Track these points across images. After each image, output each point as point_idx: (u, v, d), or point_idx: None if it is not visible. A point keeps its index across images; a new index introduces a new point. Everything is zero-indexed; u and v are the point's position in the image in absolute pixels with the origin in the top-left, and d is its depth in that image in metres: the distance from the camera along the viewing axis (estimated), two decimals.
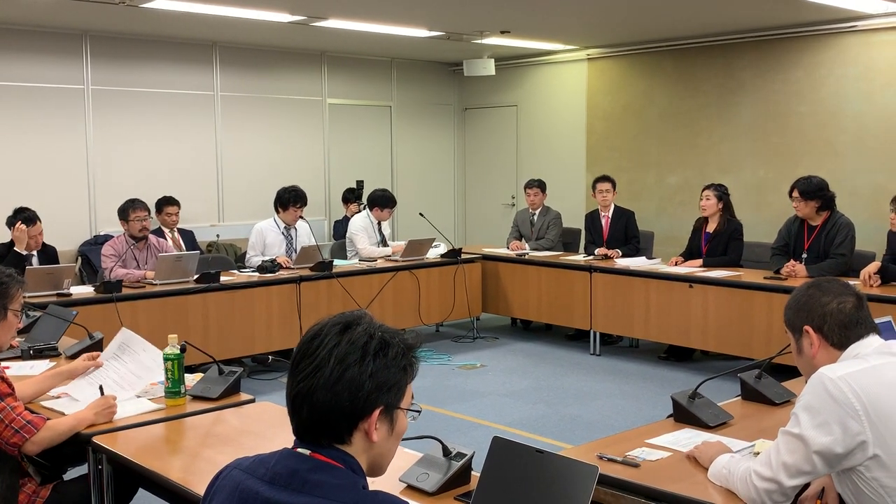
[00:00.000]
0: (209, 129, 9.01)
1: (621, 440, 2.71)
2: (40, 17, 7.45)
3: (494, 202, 11.02)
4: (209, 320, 6.11)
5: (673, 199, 9.22)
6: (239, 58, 9.15)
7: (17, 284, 2.98)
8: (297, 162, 9.64)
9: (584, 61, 9.89)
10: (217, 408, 3.05)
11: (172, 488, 2.46)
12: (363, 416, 1.48)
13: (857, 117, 7.89)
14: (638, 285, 6.81)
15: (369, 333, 1.52)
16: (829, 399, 2.04)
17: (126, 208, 6.25)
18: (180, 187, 8.20)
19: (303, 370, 1.49)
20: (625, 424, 5.20)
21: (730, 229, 6.77)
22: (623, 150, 9.63)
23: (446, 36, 8.58)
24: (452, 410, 5.71)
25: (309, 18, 7.48)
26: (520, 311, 7.90)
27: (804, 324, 2.25)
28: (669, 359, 6.98)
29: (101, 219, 8.22)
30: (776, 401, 3.03)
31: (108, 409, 2.85)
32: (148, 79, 8.52)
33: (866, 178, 7.81)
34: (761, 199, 8.50)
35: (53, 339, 3.93)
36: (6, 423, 2.66)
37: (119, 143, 8.35)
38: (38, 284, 5.53)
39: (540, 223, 8.16)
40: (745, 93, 8.62)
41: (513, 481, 2.04)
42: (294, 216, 7.07)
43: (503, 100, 10.82)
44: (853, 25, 7.75)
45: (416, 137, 10.89)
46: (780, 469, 2.09)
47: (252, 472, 1.52)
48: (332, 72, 9.97)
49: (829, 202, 6.07)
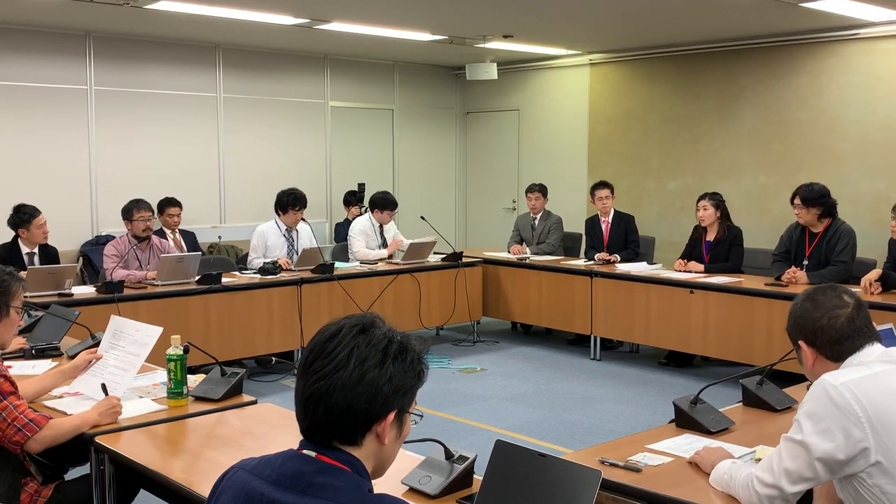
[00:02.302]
0: (211, 130, 9.02)
1: (622, 445, 2.72)
2: (44, 18, 7.46)
3: (496, 206, 11.03)
4: (210, 321, 6.12)
5: (673, 204, 9.23)
6: (242, 60, 9.17)
7: (16, 282, 2.98)
8: (298, 164, 9.65)
9: (587, 66, 9.91)
10: (219, 409, 3.05)
11: (174, 489, 2.46)
12: (378, 418, 1.49)
13: (858, 125, 7.90)
14: (639, 290, 6.82)
15: (389, 337, 1.52)
16: (832, 406, 2.04)
17: (130, 208, 6.26)
18: (182, 188, 8.21)
19: (318, 370, 1.48)
20: (625, 429, 5.21)
21: (730, 236, 6.78)
22: (624, 155, 9.65)
23: (449, 40, 8.60)
24: (452, 414, 5.72)
25: (312, 21, 7.49)
26: (520, 315, 7.90)
27: (798, 338, 2.26)
28: (669, 364, 6.99)
29: (103, 219, 8.23)
30: (777, 407, 3.04)
31: (112, 410, 2.85)
32: (151, 80, 8.54)
33: (867, 186, 7.82)
34: (762, 205, 8.51)
35: (56, 339, 3.94)
36: (9, 421, 2.66)
37: (121, 143, 8.37)
38: (40, 284, 5.54)
39: (541, 227, 8.17)
40: (746, 99, 8.63)
41: (515, 485, 2.05)
42: (294, 219, 7.07)
43: (505, 104, 10.83)
44: (855, 33, 7.76)
45: (418, 141, 10.90)
46: (782, 475, 2.10)
47: (258, 472, 1.53)
48: (335, 75, 9.98)
49: (830, 209, 6.08)
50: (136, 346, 3.14)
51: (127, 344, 3.17)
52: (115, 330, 3.24)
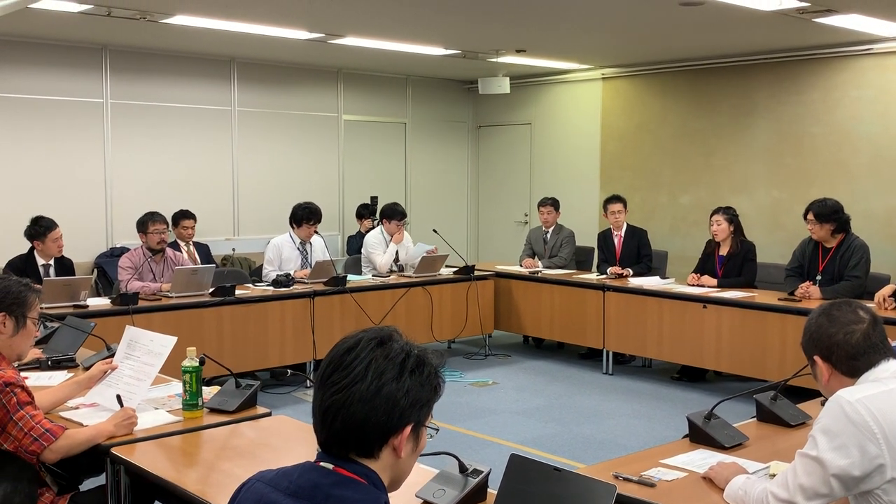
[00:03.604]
0: (226, 143, 9.08)
1: (636, 460, 2.71)
2: (61, 32, 7.54)
3: (508, 220, 11.04)
4: (224, 333, 6.14)
5: (686, 218, 9.22)
6: (256, 74, 9.23)
7: (33, 293, 3.01)
8: (312, 177, 9.69)
9: (599, 80, 9.93)
10: (233, 420, 3.06)
11: (189, 500, 2.46)
12: (395, 431, 1.50)
13: (871, 139, 7.89)
14: (651, 305, 6.81)
15: (406, 351, 1.53)
16: (847, 422, 2.04)
17: (145, 221, 6.30)
18: (196, 201, 8.26)
19: (336, 382, 1.49)
20: (637, 444, 5.19)
21: (743, 250, 6.76)
22: (637, 169, 9.65)
23: (462, 54, 8.64)
24: (464, 427, 5.71)
25: (326, 36, 7.55)
26: (532, 328, 7.90)
27: (813, 354, 2.26)
28: (682, 379, 6.96)
29: (118, 231, 8.28)
30: (791, 423, 3.03)
31: (128, 422, 2.87)
32: (166, 93, 8.61)
33: (881, 201, 7.79)
34: (775, 220, 8.49)
35: (71, 350, 3.96)
36: (25, 430, 2.68)
37: (136, 156, 8.43)
38: (55, 296, 5.57)
39: (553, 241, 8.17)
40: (759, 114, 8.63)
41: (530, 499, 2.05)
42: (308, 232, 7.10)
43: (517, 118, 10.86)
44: (868, 48, 7.76)
45: (431, 154, 10.94)
46: (796, 491, 2.09)
47: (275, 484, 1.53)
48: (348, 88, 10.03)
49: (844, 225, 6.06)
50: (150, 356, 3.16)
51: (142, 354, 3.19)
52: (129, 340, 3.26)
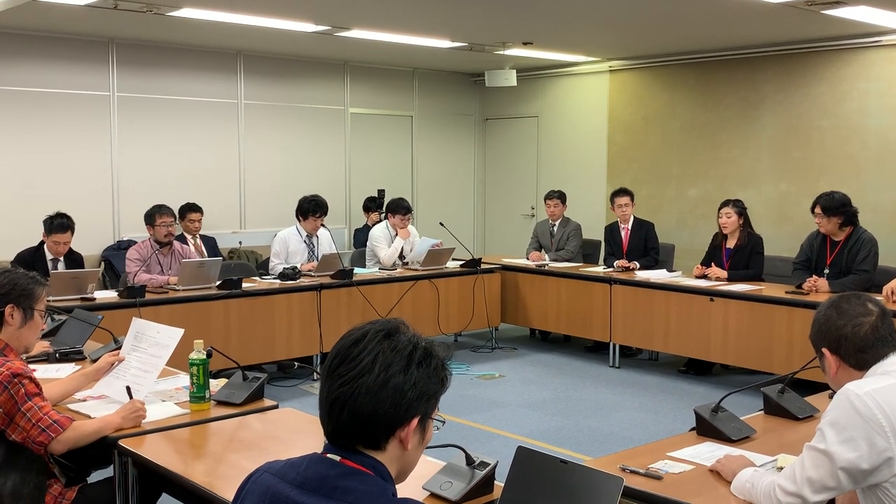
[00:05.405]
0: (232, 136, 9.09)
1: (643, 452, 2.71)
2: (68, 25, 7.54)
3: (514, 213, 11.03)
4: (230, 326, 6.15)
5: (693, 211, 9.20)
6: (263, 66, 9.23)
7: (40, 286, 3.02)
8: (318, 170, 9.70)
9: (606, 73, 9.91)
10: (241, 413, 3.07)
11: (197, 492, 2.47)
12: (402, 423, 1.50)
13: (879, 132, 7.85)
14: (658, 298, 6.79)
15: (413, 343, 1.53)
16: (855, 415, 2.03)
17: (153, 213, 6.31)
18: (203, 194, 8.27)
19: (343, 374, 1.49)
20: (644, 437, 5.19)
21: (751, 243, 6.74)
22: (644, 162, 9.63)
23: (469, 47, 8.62)
24: (471, 420, 5.71)
25: (333, 29, 7.54)
26: (539, 321, 7.90)
27: (822, 346, 2.26)
28: (689, 372, 6.95)
29: (125, 224, 8.30)
30: (799, 416, 3.02)
31: (136, 414, 2.88)
32: (173, 86, 8.61)
33: (889, 194, 7.76)
34: (782, 213, 8.47)
35: (79, 343, 3.97)
36: (33, 421, 2.69)
37: (143, 149, 8.44)
38: (63, 288, 5.59)
39: (560, 234, 8.16)
40: (766, 107, 8.60)
41: (537, 491, 2.05)
42: (314, 225, 7.11)
43: (524, 110, 10.84)
44: (877, 40, 7.72)
45: (437, 147, 10.93)
46: (804, 484, 2.09)
47: (282, 476, 1.54)
48: (355, 81, 10.03)
49: (851, 218, 6.04)
50: (157, 347, 3.16)
51: (148, 346, 3.19)
52: (136, 332, 3.27)
